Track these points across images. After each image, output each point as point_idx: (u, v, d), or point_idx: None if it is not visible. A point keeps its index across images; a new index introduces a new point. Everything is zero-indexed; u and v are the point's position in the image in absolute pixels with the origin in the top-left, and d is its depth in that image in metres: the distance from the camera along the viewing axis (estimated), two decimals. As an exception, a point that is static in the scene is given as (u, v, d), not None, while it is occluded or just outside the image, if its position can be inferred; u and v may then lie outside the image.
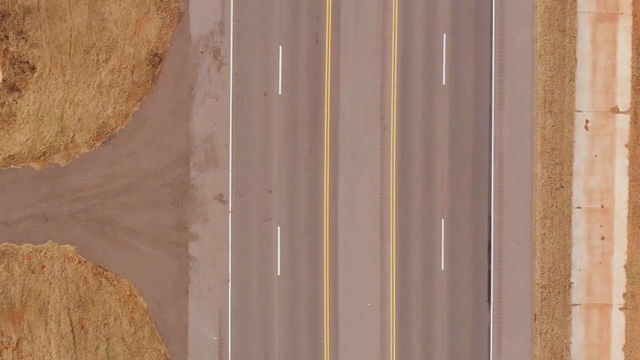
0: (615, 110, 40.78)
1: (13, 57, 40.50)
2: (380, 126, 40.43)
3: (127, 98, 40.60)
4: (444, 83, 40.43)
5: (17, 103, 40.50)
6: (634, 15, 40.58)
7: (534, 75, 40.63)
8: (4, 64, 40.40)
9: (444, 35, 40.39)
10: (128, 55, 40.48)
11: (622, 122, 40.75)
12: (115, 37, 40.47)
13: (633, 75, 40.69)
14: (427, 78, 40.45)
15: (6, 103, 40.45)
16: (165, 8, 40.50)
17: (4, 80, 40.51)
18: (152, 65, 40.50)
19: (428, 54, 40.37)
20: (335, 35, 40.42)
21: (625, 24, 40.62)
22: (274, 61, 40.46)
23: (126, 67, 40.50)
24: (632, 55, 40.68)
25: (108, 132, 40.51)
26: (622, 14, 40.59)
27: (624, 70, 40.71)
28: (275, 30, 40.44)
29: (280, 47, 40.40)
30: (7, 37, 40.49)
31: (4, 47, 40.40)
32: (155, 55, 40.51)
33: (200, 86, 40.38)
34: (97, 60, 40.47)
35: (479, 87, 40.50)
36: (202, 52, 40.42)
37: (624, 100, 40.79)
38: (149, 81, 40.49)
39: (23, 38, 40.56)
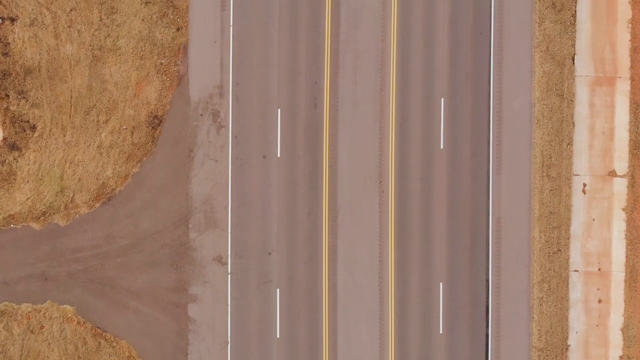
0: (612, 173, 41.03)
1: (14, 116, 40.81)
2: (378, 189, 40.68)
3: (127, 159, 40.87)
4: (442, 147, 40.72)
5: (17, 162, 40.77)
6: (632, 79, 40.90)
7: (531, 139, 40.91)
8: (4, 123, 40.68)
9: (442, 99, 40.68)
10: (128, 116, 40.77)
11: (620, 186, 41.00)
12: (116, 99, 40.77)
13: (631, 139, 40.98)
14: (425, 142, 40.73)
15: (6, 161, 40.72)
16: (165, 71, 40.79)
17: (4, 139, 40.78)
18: (152, 127, 40.78)
19: (426, 118, 40.66)
20: (333, 98, 40.72)
21: (623, 87, 40.93)
22: (272, 124, 40.76)
23: (126, 128, 40.78)
24: (629, 119, 40.98)
25: (108, 193, 40.75)
26: (620, 77, 40.91)
27: (622, 134, 41.01)
28: (274, 93, 40.76)
29: (279, 110, 40.71)
30: (7, 96, 40.80)
31: (5, 105, 40.70)
32: (155, 117, 40.79)
33: (200, 148, 40.66)
34: (98, 121, 40.75)
35: (477, 151, 40.78)
36: (201, 115, 40.72)
37: (621, 164, 41.06)
38: (148, 143, 40.76)
39: (24, 98, 40.87)
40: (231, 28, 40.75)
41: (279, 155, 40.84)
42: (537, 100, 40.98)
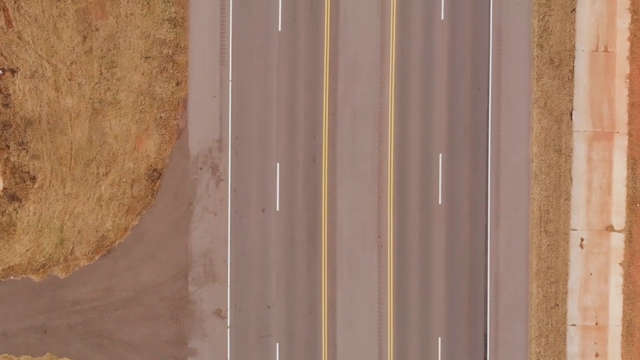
0: (610, 228, 41.29)
1: (14, 167, 41.05)
2: (377, 244, 40.94)
3: (127, 212, 41.10)
4: (440, 202, 40.99)
5: (17, 213, 41.01)
6: (630, 134, 41.20)
7: (529, 195, 41.17)
8: (5, 173, 40.93)
9: (440, 155, 40.99)
10: (128, 169, 41.00)
11: (617, 241, 41.27)
12: (115, 152, 41.03)
13: (628, 194, 41.27)
14: (423, 197, 41.02)
15: (6, 212, 40.95)
16: (165, 125, 41.07)
17: (4, 189, 41.03)
18: (152, 180, 41.02)
19: (424, 173, 40.94)
20: (331, 153, 41.01)
21: (621, 142, 41.23)
22: (271, 178, 41.02)
23: (126, 181, 41.02)
24: (627, 174, 41.26)
25: (107, 246, 40.98)
26: (617, 132, 41.21)
27: (619, 189, 41.29)
28: (273, 147, 41.03)
29: (278, 164, 40.97)
30: (8, 146, 41.06)
31: (5, 156, 40.95)
32: (155, 170, 41.03)
33: (199, 201, 40.88)
34: (97, 173, 41.00)
35: (475, 206, 41.07)
36: (200, 168, 40.96)
37: (619, 218, 41.32)
38: (148, 196, 40.99)
39: (24, 149, 41.12)
40: (230, 83, 41.04)
41: (278, 209, 41.09)
42: (535, 156, 41.26)
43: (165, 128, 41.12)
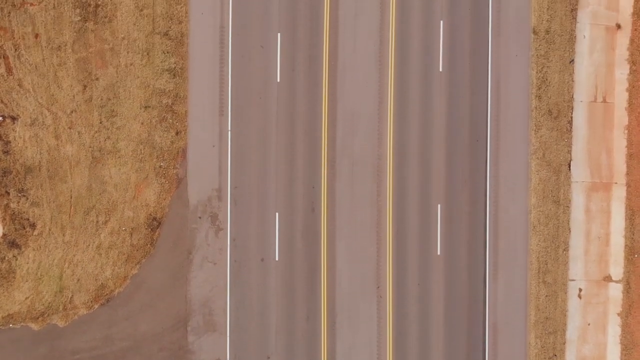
0: (608, 279, 41.52)
1: (14, 213, 41.21)
2: (376, 294, 41.14)
3: (126, 260, 41.28)
4: (439, 253, 41.20)
5: (16, 260, 41.18)
6: (628, 185, 41.46)
7: (528, 246, 41.43)
8: (4, 219, 41.08)
9: (439, 206, 41.19)
10: (127, 218, 41.18)
11: (615, 291, 41.50)
12: (115, 200, 41.21)
13: (626, 245, 41.51)
14: (422, 247, 41.26)
15: (6, 258, 41.12)
16: (164, 174, 41.27)
17: (4, 235, 41.18)
18: (151, 229, 41.19)
19: (423, 224, 41.19)
20: (330, 203, 41.26)
21: (619, 193, 41.46)
22: (270, 227, 41.25)
23: (125, 230, 41.19)
24: (625, 225, 41.50)
25: (106, 294, 41.13)
26: (616, 183, 41.45)
27: (618, 239, 41.51)
28: (272, 197, 41.31)
29: (277, 213, 41.21)
30: (8, 193, 41.23)
31: (5, 202, 41.13)
32: (154, 219, 41.21)
33: (198, 251, 41.07)
34: (97, 222, 41.17)
35: (474, 257, 41.32)
36: (200, 217, 41.15)
37: (616, 269, 41.54)
38: (147, 244, 41.17)
39: (24, 196, 41.27)
40: (229, 132, 41.29)
41: (277, 259, 41.31)
42: (534, 207, 41.53)
43: (165, 177, 41.34)
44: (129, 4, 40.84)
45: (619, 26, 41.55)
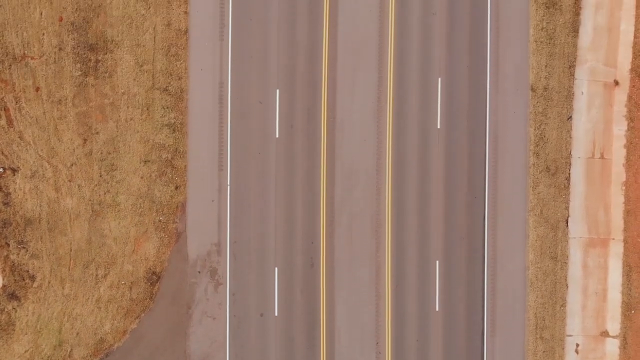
0: (605, 334, 41.79)
1: (13, 265, 41.53)
2: (375, 350, 41.46)
3: (125, 315, 41.58)
4: (437, 309, 41.54)
5: (16, 312, 41.48)
6: (625, 241, 41.75)
7: (525, 302, 41.74)
8: (4, 271, 41.42)
9: (437, 261, 41.60)
10: (127, 272, 41.51)
11: (612, 346, 41.81)
12: (115, 254, 41.53)
13: (623, 301, 41.82)
14: (421, 303, 41.62)
15: (5, 310, 41.43)
16: (164, 228, 41.60)
17: (4, 286, 41.50)
18: (150, 283, 41.50)
19: (421, 280, 41.59)
20: (329, 259, 41.59)
21: (616, 249, 41.77)
22: (270, 282, 41.58)
23: (124, 283, 41.51)
24: (622, 280, 41.82)
25: (105, 349, 41.44)
26: (613, 239, 41.76)
27: (615, 295, 41.83)
28: (271, 252, 41.62)
29: (276, 268, 41.54)
30: (8, 244, 41.58)
31: (5, 254, 41.47)
32: (154, 273, 41.54)
33: (198, 305, 41.37)
34: (96, 275, 41.49)
35: (472, 314, 41.69)
36: (199, 272, 41.47)
37: (614, 324, 41.83)
38: (146, 299, 41.47)
39: (24, 247, 41.60)
40: (228, 187, 41.65)
41: (276, 314, 41.61)
42: (531, 264, 41.83)
43: (164, 231, 41.67)
44: (129, 59, 41.24)
45: (617, 83, 41.89)
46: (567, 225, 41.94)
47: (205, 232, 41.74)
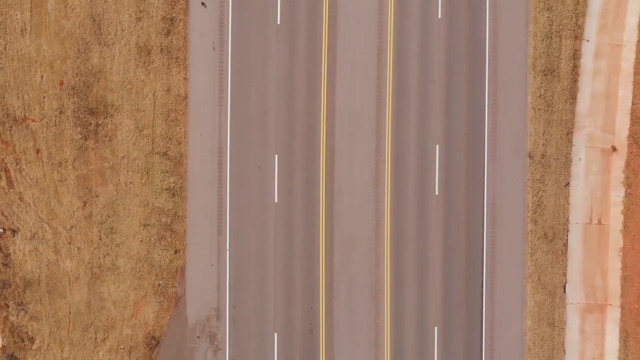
0: (603, 393, 42.31)
1: (13, 326, 41.88)
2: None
3: (125, 378, 41.91)
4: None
5: (15, 374, 41.83)
6: (622, 307, 42.15)
7: (523, 366, 42.27)
8: (4, 331, 41.79)
9: (436, 328, 41.97)
10: (126, 336, 41.86)
11: (609, 408, 42.30)
12: (114, 318, 41.89)
13: (621, 362, 42.34)
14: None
15: (5, 372, 41.77)
16: (163, 292, 41.99)
17: (3, 347, 41.80)
18: (149, 348, 41.88)
19: (420, 348, 42.57)
20: (329, 324, 42.15)
21: (613, 315, 42.16)
22: (269, 348, 42.21)
23: (124, 348, 41.88)
24: (619, 346, 42.34)
25: (105, 414, 41.80)
26: (610, 305, 42.15)
27: (611, 360, 42.31)
28: (270, 317, 42.04)
29: (276, 334, 41.97)
30: (7, 305, 41.95)
31: (5, 314, 41.80)
32: (153, 338, 41.91)
33: (197, 370, 41.82)
34: (95, 339, 41.85)
35: (470, 375, 42.09)
36: (198, 337, 41.84)
37: (612, 383, 42.41)
38: (146, 363, 41.84)
39: (23, 309, 41.95)
40: (227, 252, 42.06)
41: (275, 378, 42.11)
42: (529, 330, 42.21)
43: (164, 295, 42.03)
44: (129, 124, 41.68)
45: (614, 149, 42.28)
46: (565, 291, 42.32)
47: (205, 296, 42.12)
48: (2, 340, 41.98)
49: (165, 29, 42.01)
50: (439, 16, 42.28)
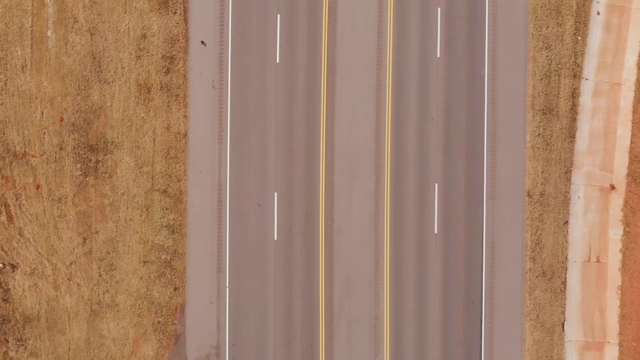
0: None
1: (12, 362, 42.06)
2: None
3: (125, 413, 42.10)
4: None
5: (16, 413, 42.03)
6: (621, 345, 42.39)
7: (521, 398, 42.58)
8: (4, 368, 41.98)
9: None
10: (125, 373, 42.04)
11: None
12: (113, 355, 42.09)
13: (618, 406, 42.51)
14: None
15: (5, 407, 41.96)
16: (162, 330, 42.15)
17: (4, 385, 42.02)
18: (149, 385, 42.03)
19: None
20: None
21: (612, 353, 42.41)
22: (268, 384, 42.24)
23: (123, 385, 42.05)
24: (618, 387, 42.52)
25: None
26: (609, 342, 42.35)
27: (612, 390, 42.59)
28: (270, 355, 42.81)
29: (275, 365, 42.33)
30: (7, 340, 42.14)
31: (4, 350, 41.93)
32: (152, 373, 42.09)
33: (197, 412, 42.07)
34: (95, 375, 42.05)
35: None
36: (198, 375, 42.10)
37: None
38: (146, 405, 42.08)
39: (23, 345, 42.15)
40: (227, 289, 42.25)
41: (276, 398, 42.43)
42: (529, 367, 42.53)
43: (163, 333, 42.21)
44: (129, 161, 41.92)
45: (613, 187, 42.53)
46: (563, 329, 42.51)
47: (204, 334, 42.32)
48: (2, 375, 42.19)
49: (165, 67, 42.30)
50: (438, 55, 42.57)
